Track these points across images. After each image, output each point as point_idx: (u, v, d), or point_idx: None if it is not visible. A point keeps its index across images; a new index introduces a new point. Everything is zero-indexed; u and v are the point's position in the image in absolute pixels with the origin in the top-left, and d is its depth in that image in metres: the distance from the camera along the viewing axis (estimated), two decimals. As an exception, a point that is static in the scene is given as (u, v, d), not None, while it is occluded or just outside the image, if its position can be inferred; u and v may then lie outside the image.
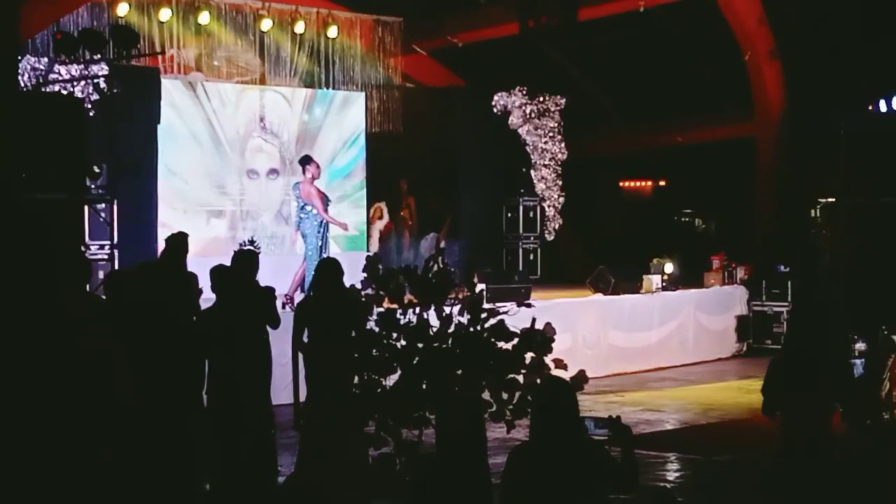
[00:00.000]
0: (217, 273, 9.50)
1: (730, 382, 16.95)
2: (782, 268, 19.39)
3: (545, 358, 7.90)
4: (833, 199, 19.88)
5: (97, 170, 15.81)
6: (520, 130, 22.41)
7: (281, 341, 9.98)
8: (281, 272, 14.78)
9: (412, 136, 22.03)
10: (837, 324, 9.30)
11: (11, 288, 7.02)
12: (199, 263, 12.30)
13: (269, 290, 9.98)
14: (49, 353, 7.63)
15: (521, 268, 21.26)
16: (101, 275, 13.56)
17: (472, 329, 7.95)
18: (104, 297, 9.44)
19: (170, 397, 8.66)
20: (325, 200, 16.85)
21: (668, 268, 19.23)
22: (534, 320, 8.02)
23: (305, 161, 16.91)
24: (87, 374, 7.66)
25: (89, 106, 16.44)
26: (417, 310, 8.07)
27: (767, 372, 9.03)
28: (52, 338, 7.49)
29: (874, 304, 15.34)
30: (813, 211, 20.67)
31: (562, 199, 22.70)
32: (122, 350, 7.93)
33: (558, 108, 22.61)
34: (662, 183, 26.21)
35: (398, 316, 8.06)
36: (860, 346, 13.34)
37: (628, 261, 19.35)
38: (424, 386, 7.84)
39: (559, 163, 22.68)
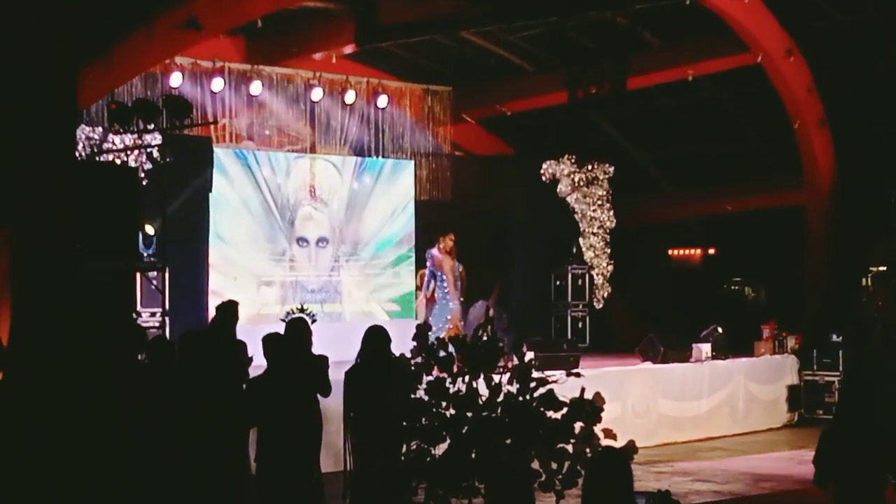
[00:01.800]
0: (269, 341, 9.56)
1: (781, 453, 16.77)
2: (835, 337, 19.23)
3: (595, 427, 7.88)
4: (884, 268, 19.74)
5: (150, 234, 16.00)
6: (568, 198, 22.44)
7: (330, 409, 10.01)
8: (331, 340, 14.81)
9: (461, 204, 22.11)
10: (890, 394, 9.21)
11: (66, 355, 7.10)
12: (249, 331, 12.40)
13: (322, 359, 10.01)
14: (103, 420, 7.71)
15: (569, 336, 21.18)
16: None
17: (521, 398, 7.95)
18: (148, 362, 9.50)
19: (216, 464, 8.70)
20: (456, 270, 17.96)
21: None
22: (583, 389, 8.01)
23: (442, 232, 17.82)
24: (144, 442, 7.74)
25: (142, 175, 16.65)
26: (467, 378, 8.07)
27: (819, 442, 8.96)
28: (107, 406, 7.56)
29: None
30: (864, 279, 20.53)
31: (610, 268, 22.66)
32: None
33: (607, 175, 22.63)
34: (712, 251, 26.13)
35: (447, 385, 8.06)
36: (913, 416, 13.18)
37: (677, 329, 19.24)
38: (473, 455, 7.83)
39: (608, 231, 22.67)
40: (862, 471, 8.61)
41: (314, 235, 19.86)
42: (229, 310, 12.36)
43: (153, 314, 16.12)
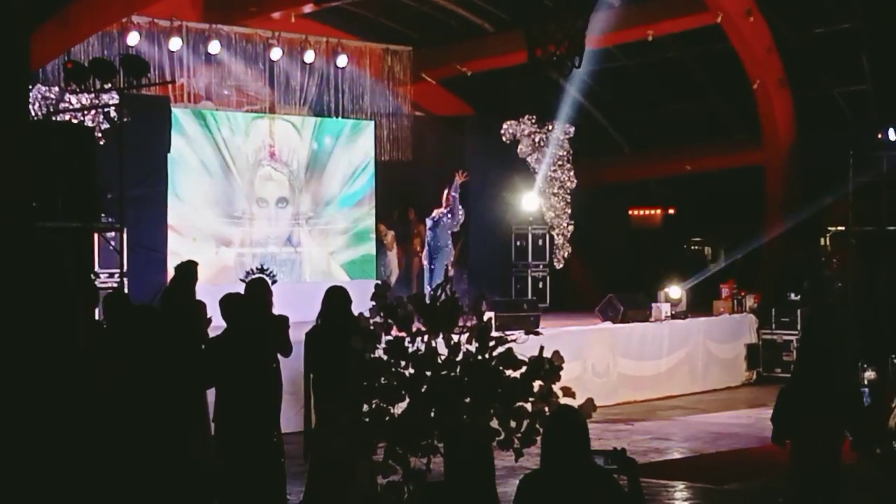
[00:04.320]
0: (228, 301, 9.50)
1: (739, 411, 16.91)
2: (792, 296, 19.35)
3: (553, 386, 7.88)
4: (842, 228, 19.86)
5: (108, 197, 15.88)
6: (528, 159, 22.44)
7: (291, 369, 9.99)
8: (291, 300, 14.78)
9: (421, 165, 22.08)
10: (847, 352, 9.28)
11: (25, 319, 7.03)
12: (209, 291, 12.34)
13: (283, 319, 9.97)
14: (64, 386, 7.65)
15: (529, 296, 21.25)
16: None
17: (480, 357, 7.94)
18: (104, 322, 9.43)
19: (173, 425, 8.66)
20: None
21: (675, 292, 19.16)
22: (542, 348, 8.01)
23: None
24: (104, 406, 7.69)
25: (99, 135, 16.51)
26: (426, 338, 8.05)
27: (777, 400, 9.03)
28: (66, 371, 7.49)
29: (883, 332, 15.32)
30: (822, 239, 20.65)
31: (571, 228, 22.71)
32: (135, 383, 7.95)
33: (567, 136, 22.64)
34: (672, 211, 26.22)
35: (406, 344, 8.04)
36: (869, 374, 13.31)
37: (637, 289, 19.32)
38: (433, 414, 7.82)
39: (568, 191, 22.70)
40: (819, 428, 8.69)
41: (273, 196, 19.79)
42: (188, 270, 12.28)
43: (111, 275, 16.04)
